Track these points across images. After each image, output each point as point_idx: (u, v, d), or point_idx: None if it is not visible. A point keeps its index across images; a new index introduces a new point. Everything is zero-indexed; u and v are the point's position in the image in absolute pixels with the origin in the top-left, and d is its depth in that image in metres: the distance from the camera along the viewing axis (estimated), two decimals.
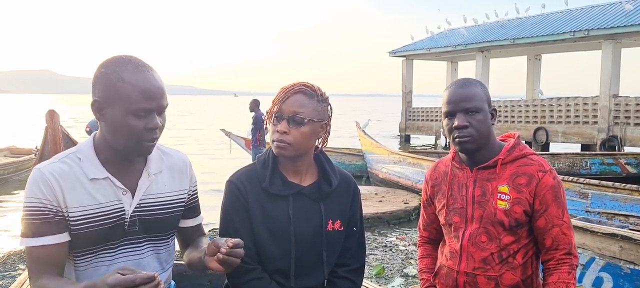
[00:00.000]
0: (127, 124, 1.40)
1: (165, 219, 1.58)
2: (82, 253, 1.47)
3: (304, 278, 1.66)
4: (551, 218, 1.68)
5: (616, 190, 6.26)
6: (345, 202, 1.75)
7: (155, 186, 1.55)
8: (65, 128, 6.41)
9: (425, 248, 2.02)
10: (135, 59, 1.43)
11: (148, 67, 1.43)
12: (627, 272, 3.18)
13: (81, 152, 1.48)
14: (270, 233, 1.64)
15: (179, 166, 1.63)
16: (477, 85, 1.75)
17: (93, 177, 1.45)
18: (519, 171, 1.71)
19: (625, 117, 15.16)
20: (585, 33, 15.89)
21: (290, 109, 1.59)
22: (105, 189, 1.46)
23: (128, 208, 1.49)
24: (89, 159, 1.46)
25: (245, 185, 1.66)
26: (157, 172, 1.56)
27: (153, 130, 1.43)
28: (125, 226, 1.50)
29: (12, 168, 10.72)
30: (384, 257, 5.42)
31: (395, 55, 23.30)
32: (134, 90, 1.38)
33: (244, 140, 12.95)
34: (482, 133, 1.70)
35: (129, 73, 1.39)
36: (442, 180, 1.86)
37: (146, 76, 1.41)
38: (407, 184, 9.19)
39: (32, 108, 67.69)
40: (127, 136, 1.41)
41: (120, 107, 1.39)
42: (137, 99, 1.38)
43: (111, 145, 1.46)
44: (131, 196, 1.50)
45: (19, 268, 4.94)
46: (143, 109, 1.39)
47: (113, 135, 1.43)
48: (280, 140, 1.59)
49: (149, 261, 1.57)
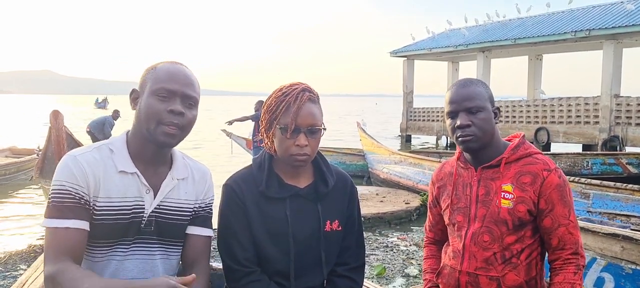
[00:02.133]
0: (149, 104, 1.46)
1: (178, 226, 1.59)
2: (99, 245, 1.49)
3: (304, 279, 1.66)
4: (557, 217, 1.67)
5: (617, 190, 6.24)
6: (343, 201, 1.75)
7: (176, 191, 1.58)
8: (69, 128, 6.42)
9: (430, 248, 2.03)
10: (173, 60, 1.56)
11: (183, 65, 1.54)
12: (628, 272, 3.17)
13: (113, 144, 1.52)
14: (268, 235, 1.64)
15: (201, 177, 1.66)
16: (480, 84, 1.75)
17: (122, 170, 1.48)
18: (523, 170, 1.70)
19: (627, 117, 15.14)
20: (587, 33, 15.87)
21: (306, 121, 1.58)
22: (131, 184, 1.49)
23: (148, 207, 1.51)
24: (121, 152, 1.51)
25: (242, 188, 1.65)
26: (181, 178, 1.59)
27: (173, 113, 1.46)
28: (142, 224, 1.51)
29: (13, 168, 10.72)
30: (385, 257, 5.41)
31: (396, 55, 23.29)
32: (162, 72, 1.49)
33: (245, 141, 12.95)
34: (485, 132, 1.70)
35: (164, 64, 1.52)
36: (448, 181, 1.86)
37: (177, 66, 1.52)
38: (408, 184, 9.18)
39: (33, 108, 67.78)
40: (149, 117, 1.46)
41: (147, 90, 1.48)
42: (161, 78, 1.47)
43: (139, 134, 1.51)
44: (153, 196, 1.53)
45: (20, 268, 4.94)
46: (165, 89, 1.46)
47: (139, 121, 1.50)
48: (302, 153, 1.59)
49: (161, 263, 1.58)
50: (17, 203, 9.11)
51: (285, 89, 1.63)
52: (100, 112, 38.38)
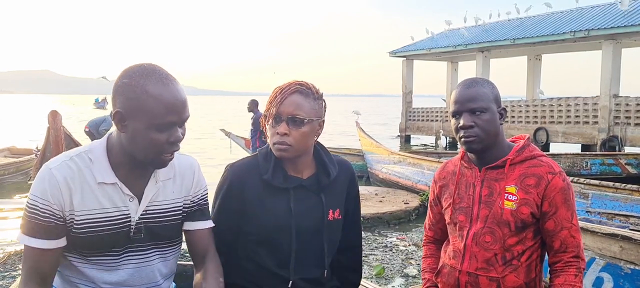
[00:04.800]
0: (149, 137, 1.38)
1: (171, 226, 1.56)
2: (84, 255, 1.46)
3: (304, 271, 1.68)
4: (560, 220, 1.67)
5: (616, 190, 6.24)
6: (343, 188, 1.77)
7: (162, 193, 1.53)
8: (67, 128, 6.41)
9: (430, 247, 2.02)
10: (159, 70, 1.40)
11: (171, 78, 1.40)
12: (627, 272, 3.17)
13: (93, 153, 1.45)
14: (269, 225, 1.64)
15: (187, 171, 1.61)
16: (485, 84, 1.74)
17: (101, 181, 1.43)
18: (528, 172, 1.70)
19: (626, 117, 15.14)
20: (586, 33, 15.87)
21: (288, 110, 1.59)
22: (112, 194, 1.44)
23: (134, 216, 1.47)
24: (100, 162, 1.44)
25: (243, 177, 1.66)
26: (165, 179, 1.54)
27: (175, 143, 1.42)
28: (131, 233, 1.48)
29: (12, 168, 10.70)
30: (384, 257, 5.41)
31: (396, 55, 23.28)
32: (159, 105, 1.35)
33: (243, 140, 12.97)
34: (488, 133, 1.69)
35: (153, 85, 1.36)
36: (450, 180, 1.86)
37: (170, 89, 1.38)
38: (407, 184, 9.18)
39: (33, 108, 67.69)
40: (148, 149, 1.39)
41: (143, 121, 1.36)
42: (161, 113, 1.36)
43: (128, 152, 1.43)
44: (138, 203, 1.48)
45: (19, 268, 4.93)
46: (167, 123, 1.38)
47: (133, 146, 1.41)
48: (281, 142, 1.60)
49: (157, 267, 1.56)
50: (16, 204, 9.10)
51: (283, 84, 1.65)
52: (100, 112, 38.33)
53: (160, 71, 1.40)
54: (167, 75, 1.40)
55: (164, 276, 1.60)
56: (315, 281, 1.70)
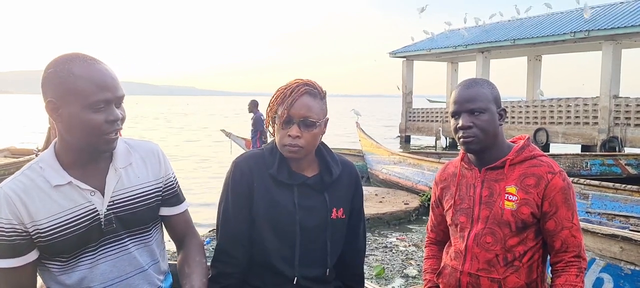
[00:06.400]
0: (86, 119, 1.36)
1: (142, 212, 1.54)
2: (60, 259, 1.46)
3: (308, 268, 1.68)
4: (561, 220, 1.67)
5: (616, 191, 6.24)
6: (348, 189, 1.78)
7: (126, 180, 1.52)
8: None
9: (431, 249, 2.02)
10: (82, 54, 1.40)
11: (96, 60, 1.40)
12: (627, 273, 3.17)
13: (43, 160, 1.45)
14: (275, 220, 1.65)
15: (149, 156, 1.59)
16: (484, 85, 1.74)
17: (56, 184, 1.42)
18: (527, 172, 1.69)
19: (626, 118, 15.15)
20: (586, 34, 15.89)
21: (300, 112, 1.60)
22: (71, 194, 1.43)
23: (101, 208, 1.46)
24: (51, 166, 1.43)
25: (252, 167, 1.67)
26: (125, 166, 1.52)
27: (114, 122, 1.40)
28: (102, 226, 1.47)
29: (13, 169, 10.71)
30: (384, 258, 5.42)
31: (396, 55, 23.30)
32: (88, 83, 1.35)
33: (244, 141, 12.98)
34: (487, 133, 1.69)
35: (79, 67, 1.36)
36: (451, 181, 1.86)
37: (97, 67, 1.38)
38: (407, 185, 9.19)
39: (33, 108, 67.70)
40: (88, 132, 1.38)
41: (76, 104, 1.35)
42: (92, 91, 1.35)
43: (73, 146, 1.42)
44: (101, 195, 1.47)
45: None
46: (101, 101, 1.36)
47: (72, 134, 1.40)
48: (293, 144, 1.60)
49: (139, 253, 1.55)
50: None
51: (288, 84, 1.65)
52: None
53: (83, 54, 1.39)
54: (91, 57, 1.40)
55: (149, 263, 1.59)
56: (318, 279, 1.70)
